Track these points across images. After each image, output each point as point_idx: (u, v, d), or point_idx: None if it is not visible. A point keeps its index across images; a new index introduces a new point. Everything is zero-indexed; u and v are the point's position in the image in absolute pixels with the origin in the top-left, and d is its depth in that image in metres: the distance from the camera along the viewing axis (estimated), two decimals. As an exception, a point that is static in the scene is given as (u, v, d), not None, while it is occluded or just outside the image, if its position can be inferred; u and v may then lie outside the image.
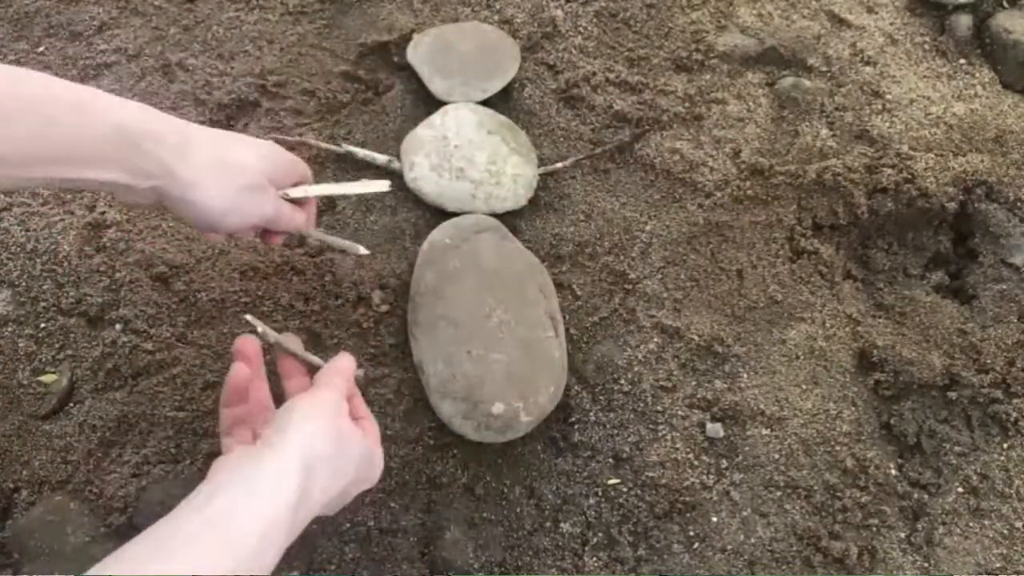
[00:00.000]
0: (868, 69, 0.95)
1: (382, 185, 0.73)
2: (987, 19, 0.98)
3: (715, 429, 0.75)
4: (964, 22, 0.98)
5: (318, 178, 0.86)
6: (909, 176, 0.85)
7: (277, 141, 0.87)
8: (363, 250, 0.74)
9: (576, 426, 0.75)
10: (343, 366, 0.62)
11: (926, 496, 0.74)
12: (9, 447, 0.72)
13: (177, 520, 0.48)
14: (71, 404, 0.74)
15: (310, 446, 0.52)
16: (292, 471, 0.50)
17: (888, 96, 0.93)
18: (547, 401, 0.71)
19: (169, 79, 0.91)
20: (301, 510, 0.50)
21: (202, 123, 0.88)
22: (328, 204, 0.85)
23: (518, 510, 0.71)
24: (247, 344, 0.61)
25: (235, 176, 0.61)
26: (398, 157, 0.85)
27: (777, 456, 0.75)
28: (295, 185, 0.68)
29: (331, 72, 0.92)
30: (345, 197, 0.80)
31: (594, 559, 0.70)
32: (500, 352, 0.70)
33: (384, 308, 0.78)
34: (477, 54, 0.90)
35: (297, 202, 0.68)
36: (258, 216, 0.63)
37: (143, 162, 0.55)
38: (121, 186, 0.56)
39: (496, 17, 0.96)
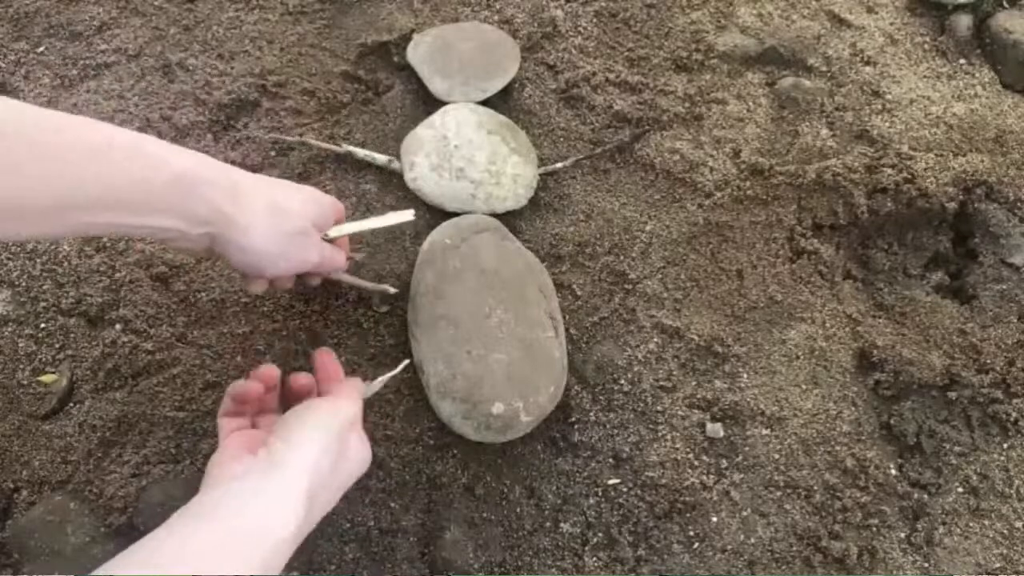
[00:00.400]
0: (868, 69, 0.95)
1: (408, 215, 0.74)
2: (987, 19, 0.98)
3: (715, 429, 0.75)
4: (964, 22, 0.98)
5: (318, 178, 0.86)
6: (909, 176, 0.85)
7: (276, 141, 0.87)
8: (392, 289, 0.75)
9: (576, 426, 0.75)
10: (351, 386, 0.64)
11: (926, 496, 0.74)
12: (9, 447, 0.72)
13: (175, 537, 0.48)
14: (71, 404, 0.74)
15: (315, 469, 0.52)
16: (299, 499, 0.50)
17: (888, 96, 0.93)
18: (547, 401, 0.71)
19: (169, 79, 0.91)
20: (301, 533, 0.51)
21: (202, 123, 0.88)
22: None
23: (518, 510, 0.71)
24: (271, 374, 0.62)
25: (286, 221, 0.62)
26: (398, 157, 0.85)
27: (777, 456, 0.75)
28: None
29: (331, 72, 0.92)
30: (374, 231, 0.80)
31: (594, 559, 0.70)
32: (500, 352, 0.70)
33: (384, 308, 0.78)
34: (477, 54, 0.90)
35: (332, 242, 0.70)
36: (304, 261, 0.64)
37: (200, 208, 0.56)
38: (175, 232, 0.56)
39: (496, 17, 0.96)
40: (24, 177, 0.48)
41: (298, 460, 0.52)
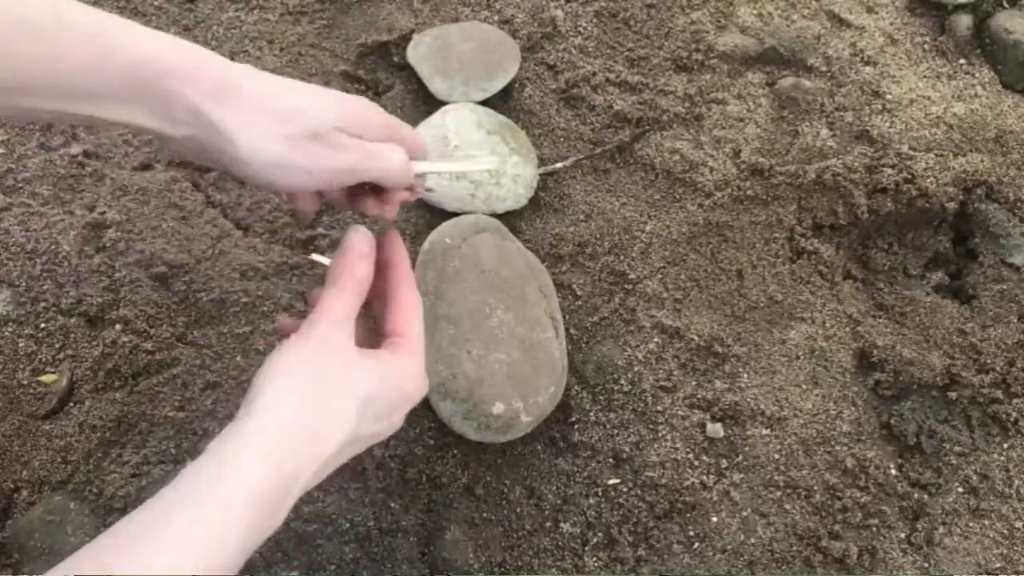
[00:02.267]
0: (868, 69, 0.95)
1: (492, 162, 0.67)
2: (987, 19, 0.98)
3: (715, 429, 0.75)
4: (964, 22, 0.98)
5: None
6: (909, 176, 0.85)
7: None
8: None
9: (576, 426, 0.75)
10: (356, 250, 0.52)
11: (926, 496, 0.74)
12: (9, 447, 0.72)
13: (136, 516, 0.43)
14: (71, 404, 0.74)
15: (276, 425, 0.44)
16: (253, 465, 0.43)
17: (888, 96, 0.93)
18: (547, 401, 0.71)
19: (169, 79, 0.91)
20: (273, 495, 0.43)
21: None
22: (327, 204, 0.85)
23: (518, 510, 0.71)
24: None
25: (283, 124, 0.49)
26: (398, 157, 0.85)
27: (777, 456, 0.75)
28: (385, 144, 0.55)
29: (331, 72, 0.92)
30: (463, 174, 0.71)
31: (594, 559, 0.70)
32: (500, 352, 0.70)
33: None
34: (477, 54, 0.90)
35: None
36: (330, 170, 0.51)
37: (170, 105, 0.47)
38: (153, 131, 0.48)
39: (496, 17, 0.96)
40: None
41: (254, 421, 0.44)
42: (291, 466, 0.44)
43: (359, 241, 0.53)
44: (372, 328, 0.55)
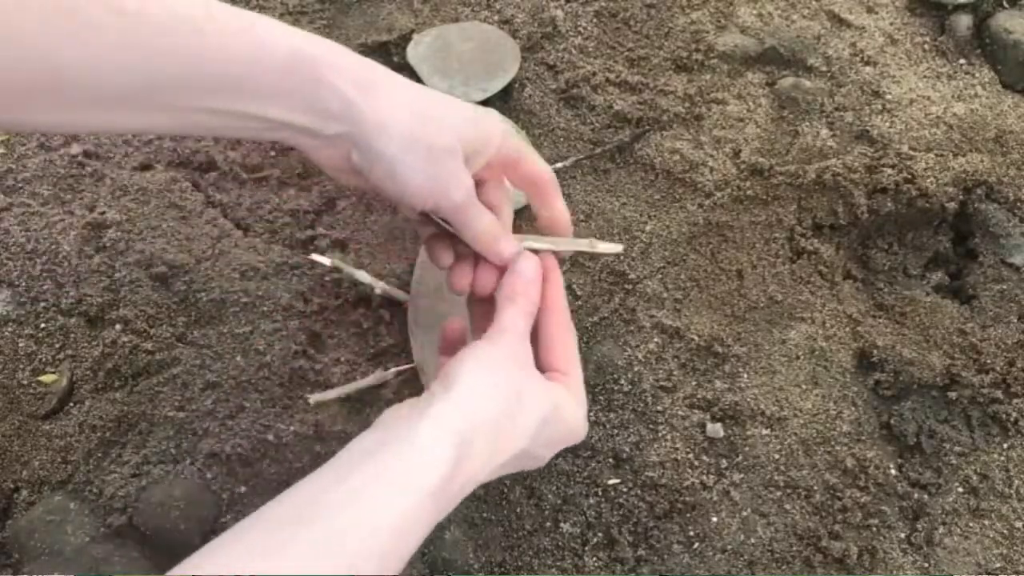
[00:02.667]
0: (868, 69, 0.95)
1: (616, 248, 0.63)
2: (987, 19, 0.98)
3: (715, 429, 0.75)
4: (964, 22, 0.98)
5: (318, 177, 0.86)
6: (909, 176, 0.85)
7: (276, 141, 0.87)
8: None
9: (576, 426, 0.75)
10: (527, 276, 0.51)
11: (926, 496, 0.74)
12: (9, 447, 0.72)
13: (314, 487, 0.42)
14: (71, 404, 0.74)
15: (473, 411, 0.44)
16: (445, 446, 0.43)
17: (888, 96, 0.93)
18: (547, 401, 0.71)
19: (169, 79, 0.91)
20: (453, 486, 0.43)
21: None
22: (327, 204, 0.85)
23: (518, 510, 0.71)
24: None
25: (434, 130, 0.48)
26: (398, 157, 0.85)
27: (777, 456, 0.75)
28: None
29: (331, 72, 0.92)
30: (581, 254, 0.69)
31: (594, 559, 0.70)
32: (500, 352, 0.70)
33: (383, 308, 0.78)
34: (477, 54, 0.90)
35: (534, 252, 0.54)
36: (445, 192, 0.49)
37: (326, 97, 0.46)
38: (301, 130, 0.47)
39: (496, 17, 0.96)
40: (100, 46, 0.40)
41: (451, 403, 0.44)
42: (477, 463, 0.44)
43: (529, 268, 0.52)
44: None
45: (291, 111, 0.46)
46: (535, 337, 0.53)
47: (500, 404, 0.46)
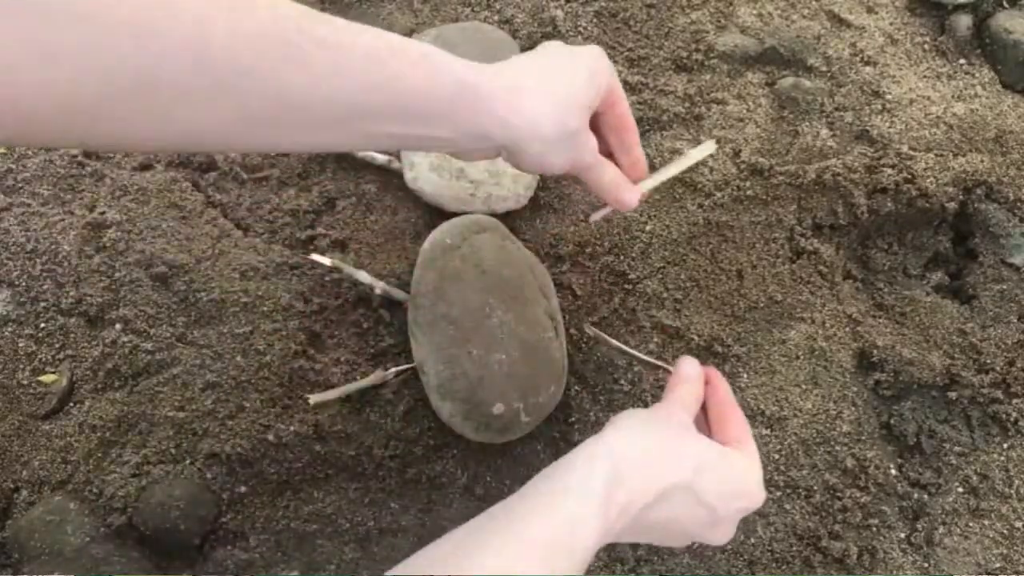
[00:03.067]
0: (868, 69, 0.95)
1: (710, 147, 0.69)
2: (987, 19, 0.98)
3: (715, 429, 0.75)
4: (964, 22, 0.98)
5: (317, 178, 0.86)
6: (909, 176, 0.85)
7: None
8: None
9: (576, 426, 0.75)
10: (685, 374, 0.59)
11: (926, 496, 0.74)
12: (9, 447, 0.72)
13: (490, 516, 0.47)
14: (71, 404, 0.74)
15: (620, 444, 0.50)
16: (598, 460, 0.48)
17: (888, 96, 0.93)
18: (547, 401, 0.71)
19: (169, 79, 0.91)
20: (610, 505, 0.47)
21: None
22: (327, 204, 0.85)
23: (518, 510, 0.71)
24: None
25: (569, 116, 0.55)
26: (398, 157, 0.85)
27: (777, 456, 0.75)
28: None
29: (331, 72, 0.92)
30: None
31: (594, 559, 0.70)
32: (500, 352, 0.70)
33: (383, 308, 0.78)
34: (477, 54, 0.90)
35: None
36: (581, 158, 0.58)
37: (484, 122, 0.52)
38: (453, 144, 0.54)
39: (496, 17, 0.96)
40: (314, 76, 0.45)
41: (602, 436, 0.50)
42: (629, 485, 0.49)
43: (690, 368, 0.59)
44: None
45: (455, 132, 0.52)
46: (709, 423, 0.59)
47: (651, 439, 0.51)
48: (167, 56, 0.40)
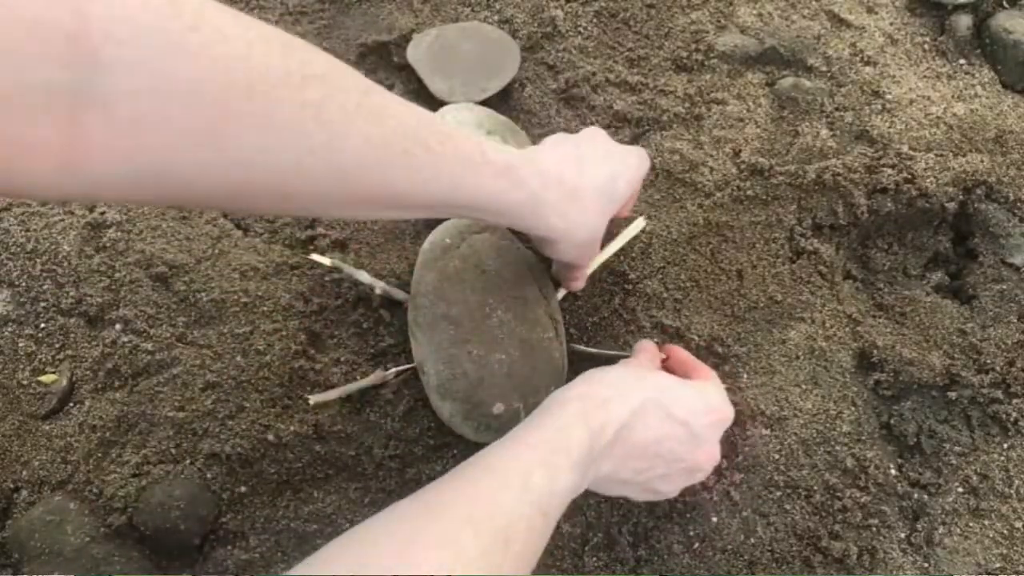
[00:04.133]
0: (868, 69, 0.95)
1: (640, 224, 0.81)
2: (987, 19, 0.98)
3: (715, 429, 0.75)
4: (964, 22, 0.98)
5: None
6: (909, 176, 0.85)
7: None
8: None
9: (576, 426, 0.75)
10: (642, 346, 0.71)
11: (926, 496, 0.74)
12: (9, 447, 0.72)
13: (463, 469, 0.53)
14: (71, 404, 0.74)
15: (589, 378, 0.61)
16: (571, 390, 0.59)
17: (888, 96, 0.93)
18: (547, 401, 0.71)
19: (169, 79, 0.91)
20: (593, 420, 0.56)
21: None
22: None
23: (518, 510, 0.71)
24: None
25: (610, 207, 0.65)
26: (398, 157, 0.85)
27: (777, 456, 0.75)
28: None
29: (331, 72, 0.92)
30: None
31: (594, 559, 0.70)
32: (500, 352, 0.70)
33: (384, 308, 0.78)
34: (477, 54, 0.90)
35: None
36: (587, 259, 0.72)
37: (539, 223, 0.61)
38: (493, 224, 0.67)
39: (496, 17, 0.96)
40: (416, 181, 0.51)
41: (574, 391, 0.59)
42: (602, 413, 0.57)
43: (646, 342, 0.73)
44: None
45: (506, 222, 0.62)
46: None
47: (616, 372, 0.62)
48: (307, 154, 0.45)
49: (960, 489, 0.75)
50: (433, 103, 0.88)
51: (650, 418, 0.58)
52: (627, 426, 0.57)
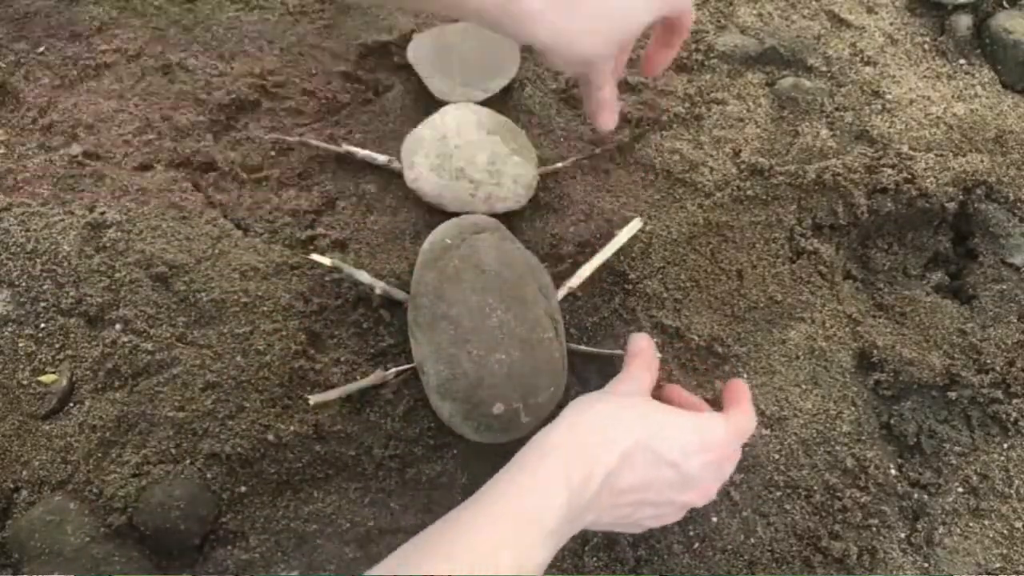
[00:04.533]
0: (868, 69, 0.95)
1: (636, 225, 0.81)
2: (987, 19, 0.98)
3: (715, 429, 0.75)
4: (964, 22, 0.98)
5: (318, 178, 0.86)
6: (909, 176, 0.85)
7: (276, 141, 0.87)
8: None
9: (576, 426, 0.75)
10: (634, 349, 0.66)
11: (926, 496, 0.74)
12: (9, 447, 0.72)
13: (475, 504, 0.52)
14: (71, 404, 0.74)
15: (574, 420, 0.55)
16: (551, 435, 0.54)
17: (888, 96, 0.93)
18: (547, 401, 0.71)
19: (169, 79, 0.91)
20: (567, 523, 0.53)
21: (202, 123, 0.88)
22: (327, 204, 0.85)
23: (518, 510, 0.71)
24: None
25: (606, 39, 0.57)
26: (398, 157, 0.85)
27: (777, 456, 0.75)
28: None
29: (331, 72, 0.92)
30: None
31: (594, 559, 0.70)
32: (500, 352, 0.70)
33: (384, 308, 0.78)
34: (477, 54, 0.90)
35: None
36: (606, 67, 0.62)
37: (499, 22, 0.55)
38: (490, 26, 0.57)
39: (496, 17, 0.96)
40: None
41: (556, 425, 0.55)
42: (584, 464, 0.53)
43: (640, 341, 0.68)
44: None
45: (479, 20, 0.56)
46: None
47: (603, 409, 0.57)
48: None
49: (960, 489, 0.75)
50: (433, 103, 0.88)
51: (639, 465, 0.55)
52: (614, 473, 0.53)
